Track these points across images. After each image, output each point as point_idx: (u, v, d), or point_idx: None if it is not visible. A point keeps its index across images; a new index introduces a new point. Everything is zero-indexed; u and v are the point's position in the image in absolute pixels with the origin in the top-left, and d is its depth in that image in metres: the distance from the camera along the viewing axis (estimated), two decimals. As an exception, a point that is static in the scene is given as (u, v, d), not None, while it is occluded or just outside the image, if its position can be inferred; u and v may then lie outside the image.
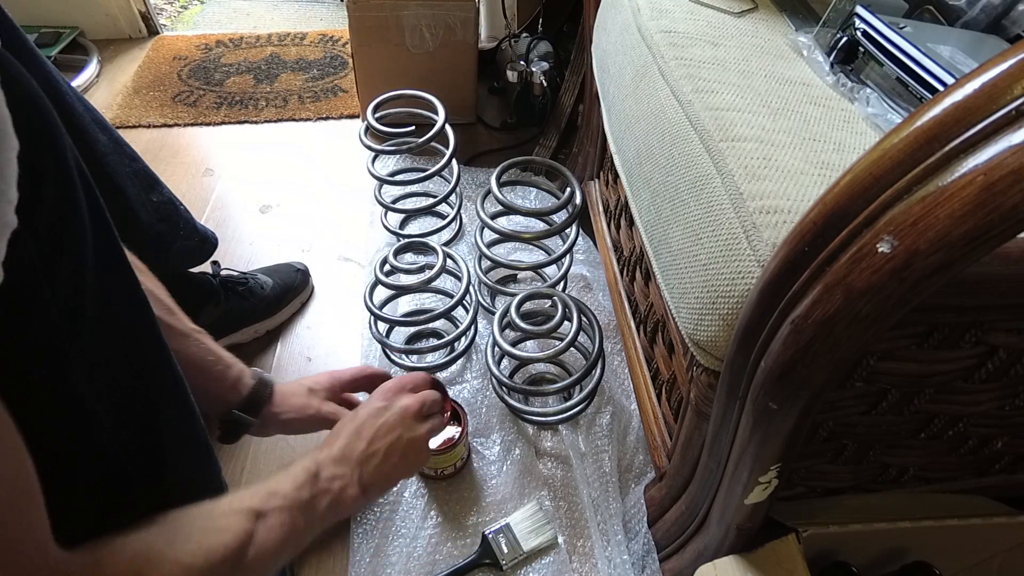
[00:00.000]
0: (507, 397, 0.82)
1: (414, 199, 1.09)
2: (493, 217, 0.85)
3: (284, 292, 0.94)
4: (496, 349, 0.79)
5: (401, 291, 0.87)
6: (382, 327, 0.88)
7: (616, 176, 0.84)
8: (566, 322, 0.75)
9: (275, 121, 1.38)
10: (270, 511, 0.46)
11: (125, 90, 1.44)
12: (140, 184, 0.74)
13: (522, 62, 1.30)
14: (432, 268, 0.80)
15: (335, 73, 1.54)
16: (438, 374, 0.88)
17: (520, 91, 1.32)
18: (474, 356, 0.90)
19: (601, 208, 1.03)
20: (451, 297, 0.85)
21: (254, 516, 0.44)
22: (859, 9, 0.61)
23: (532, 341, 0.88)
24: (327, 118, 1.40)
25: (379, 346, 0.88)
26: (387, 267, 0.83)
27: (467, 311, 0.88)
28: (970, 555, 0.62)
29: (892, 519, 0.58)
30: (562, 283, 0.92)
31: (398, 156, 1.17)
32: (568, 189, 0.81)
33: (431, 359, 0.89)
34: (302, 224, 1.13)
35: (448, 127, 0.93)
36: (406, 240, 0.89)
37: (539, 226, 0.83)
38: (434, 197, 1.01)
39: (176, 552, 0.40)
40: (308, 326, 0.96)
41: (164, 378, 0.51)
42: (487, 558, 0.69)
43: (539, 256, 0.99)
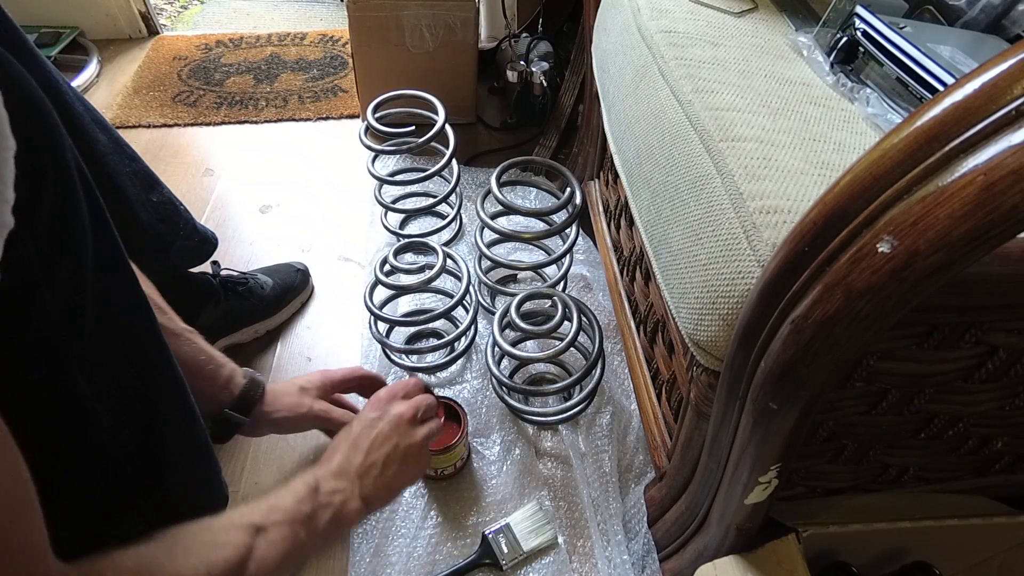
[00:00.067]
0: (507, 397, 0.82)
1: (414, 199, 1.09)
2: (493, 217, 0.85)
3: (284, 292, 0.94)
4: (496, 349, 0.79)
5: (401, 291, 0.87)
6: (382, 327, 0.88)
7: (616, 176, 0.84)
8: (566, 322, 0.75)
9: (275, 121, 1.38)
10: (271, 525, 0.45)
11: (125, 90, 1.44)
12: (140, 184, 0.74)
13: (522, 62, 1.30)
14: (432, 268, 0.80)
15: (335, 73, 1.54)
16: (438, 374, 0.88)
17: (520, 91, 1.32)
18: (474, 356, 0.90)
19: (601, 208, 1.03)
20: (451, 297, 0.85)
21: (254, 531, 0.44)
22: (859, 9, 0.61)
23: (532, 341, 0.88)
24: (327, 118, 1.40)
25: (379, 346, 0.88)
26: (387, 267, 0.83)
27: (467, 311, 0.88)
28: (970, 555, 0.62)
29: (892, 519, 0.58)
30: (562, 283, 0.92)
31: (398, 156, 1.17)
32: (568, 189, 0.81)
33: (431, 359, 0.89)
34: (302, 224, 1.13)
35: (448, 127, 0.93)
36: (406, 240, 0.89)
37: (539, 226, 0.83)
38: (434, 197, 1.01)
39: (177, 566, 0.40)
40: (308, 326, 0.96)
41: (164, 378, 0.51)
42: (487, 558, 0.69)
43: (539, 256, 0.99)
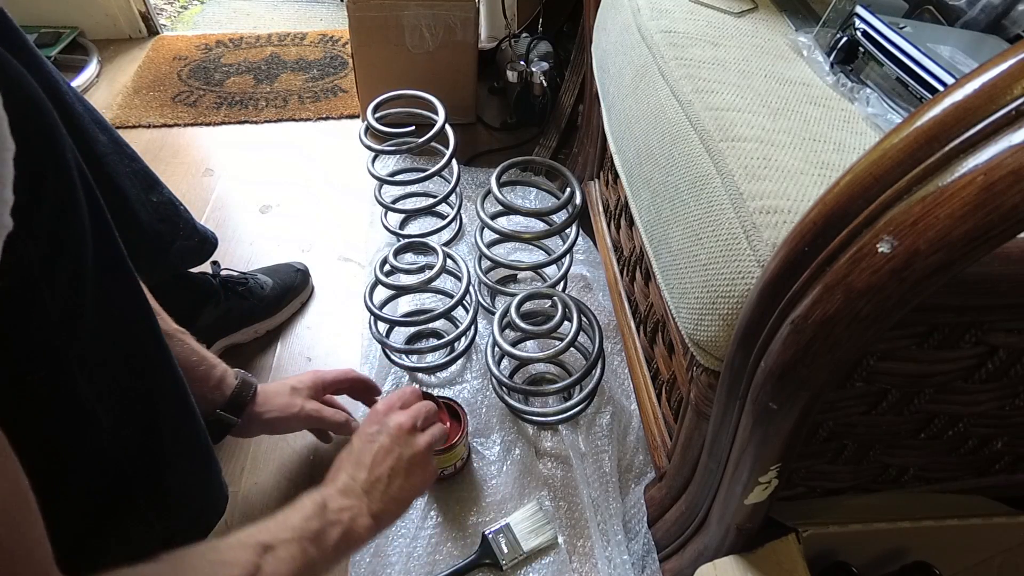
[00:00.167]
0: (507, 397, 0.82)
1: (414, 199, 1.09)
2: (493, 217, 0.85)
3: (284, 292, 0.94)
4: (496, 349, 0.79)
5: (401, 291, 0.87)
6: (382, 327, 0.88)
7: (616, 176, 0.84)
8: (566, 322, 0.75)
9: (275, 121, 1.38)
10: (279, 544, 0.45)
11: (125, 90, 1.44)
12: (140, 184, 0.74)
13: (522, 62, 1.29)
14: (432, 268, 0.80)
15: (335, 73, 1.54)
16: (438, 374, 0.88)
17: (520, 91, 1.32)
18: (474, 356, 0.90)
19: (601, 208, 1.03)
20: (451, 297, 0.85)
21: (261, 549, 0.44)
22: (859, 9, 0.61)
23: (532, 341, 0.88)
24: (327, 118, 1.40)
25: (379, 346, 0.88)
26: (387, 267, 0.83)
27: (467, 311, 0.88)
28: (970, 555, 0.62)
29: (892, 519, 0.58)
30: (562, 283, 0.92)
31: (398, 156, 1.17)
32: (568, 189, 0.81)
33: (431, 359, 0.89)
34: (302, 224, 1.13)
35: (448, 127, 0.93)
36: (406, 240, 0.89)
37: (539, 226, 0.83)
38: (434, 197, 1.01)
39: None
40: (308, 326, 0.96)
41: (164, 378, 0.51)
42: (487, 558, 0.69)
43: (539, 256, 0.99)
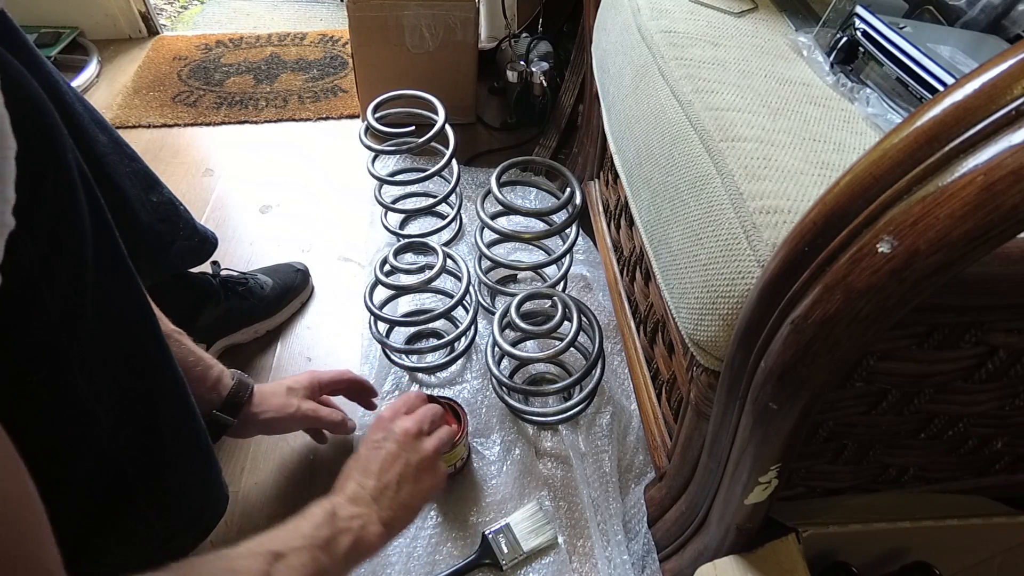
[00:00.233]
0: (507, 397, 0.82)
1: (414, 199, 1.09)
2: (493, 217, 0.85)
3: (284, 292, 0.94)
4: (496, 349, 0.79)
5: (401, 291, 0.87)
6: (382, 327, 0.88)
7: (616, 176, 0.84)
8: (566, 322, 0.75)
9: (275, 121, 1.38)
10: (289, 552, 0.45)
11: (125, 90, 1.44)
12: (140, 184, 0.74)
13: (522, 62, 1.29)
14: (432, 268, 0.80)
15: (335, 73, 1.54)
16: (438, 374, 0.88)
17: (520, 91, 1.32)
18: (474, 356, 0.90)
19: (601, 208, 1.03)
20: (451, 297, 0.85)
21: (272, 558, 0.44)
22: (859, 9, 0.61)
23: (532, 341, 0.88)
24: (327, 118, 1.40)
25: (379, 346, 0.88)
26: (387, 267, 0.83)
27: (467, 311, 0.88)
28: (970, 555, 0.62)
29: (892, 519, 0.58)
30: (562, 283, 0.92)
31: (398, 156, 1.17)
32: (568, 189, 0.81)
33: (431, 359, 0.89)
34: (302, 224, 1.13)
35: (448, 127, 0.93)
36: (406, 240, 0.89)
37: (539, 226, 0.83)
38: (434, 197, 1.01)
39: None
40: (308, 326, 0.96)
41: (164, 378, 0.51)
42: (487, 558, 0.69)
43: (539, 256, 0.99)
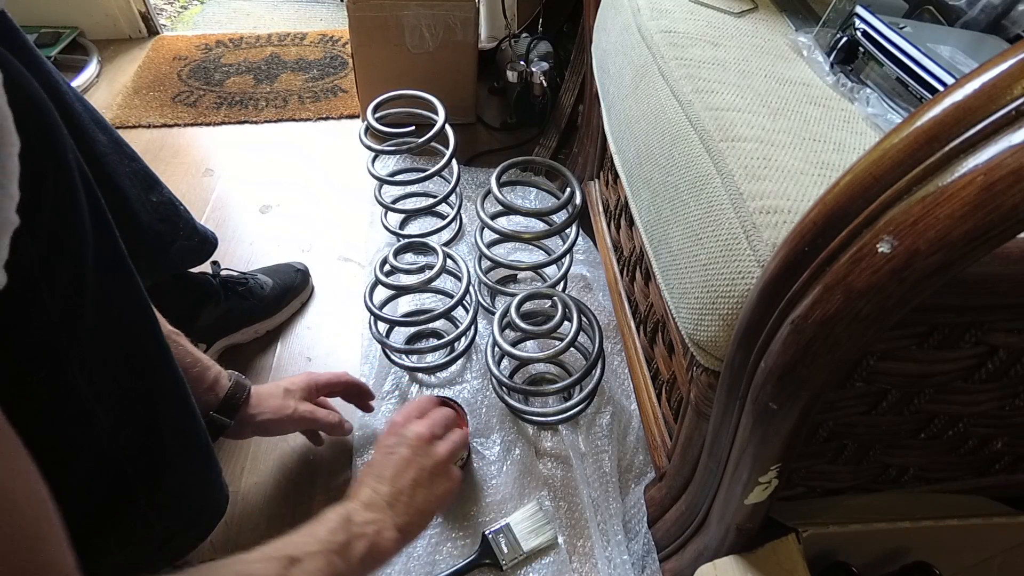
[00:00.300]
0: (507, 397, 0.82)
1: (414, 199, 1.09)
2: (493, 217, 0.85)
3: (284, 292, 0.94)
4: (496, 349, 0.79)
5: (401, 291, 0.87)
6: (382, 327, 0.88)
7: (616, 176, 0.84)
8: (566, 322, 0.75)
9: (275, 121, 1.38)
10: (305, 557, 0.45)
11: (125, 90, 1.44)
12: (140, 184, 0.74)
13: (522, 62, 1.29)
14: (432, 268, 0.80)
15: (335, 73, 1.54)
16: (438, 374, 0.88)
17: (520, 91, 1.32)
18: (474, 356, 0.90)
19: (601, 208, 1.03)
20: (451, 297, 0.85)
21: (288, 562, 0.44)
22: (859, 9, 0.61)
23: (532, 341, 0.88)
24: (327, 118, 1.40)
25: (379, 346, 0.88)
26: (387, 267, 0.83)
27: (467, 311, 0.88)
28: (970, 555, 0.62)
29: (892, 519, 0.58)
30: (562, 283, 0.92)
31: (398, 156, 1.17)
32: (568, 189, 0.81)
33: (431, 359, 0.89)
34: (302, 224, 1.13)
35: (448, 127, 0.93)
36: (406, 240, 0.89)
37: (539, 226, 0.83)
38: (434, 197, 1.01)
39: None
40: (308, 326, 0.96)
41: (164, 378, 0.51)
42: (487, 558, 0.69)
43: (539, 256, 0.99)
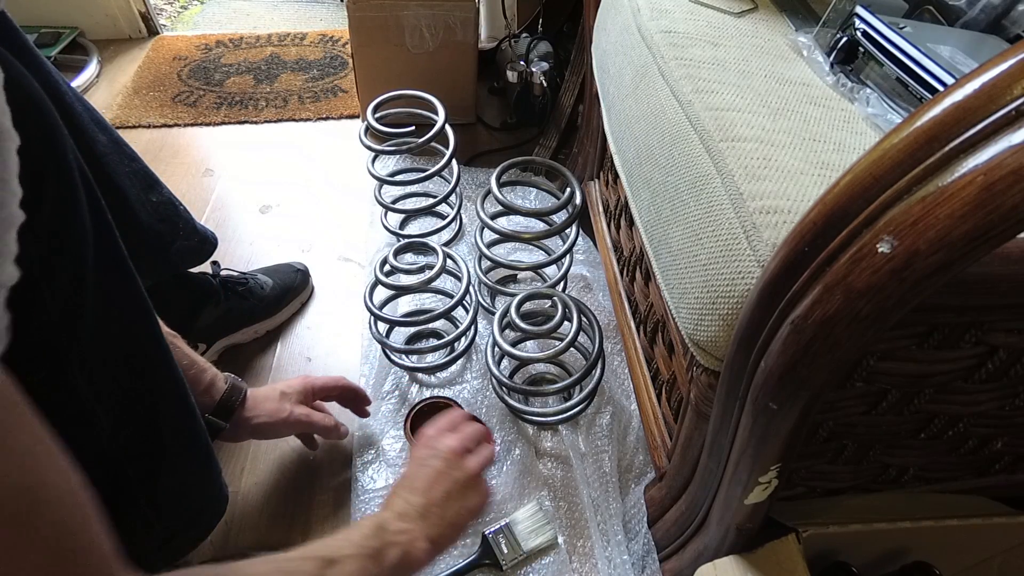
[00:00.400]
0: (507, 397, 0.82)
1: (414, 199, 1.09)
2: (493, 217, 0.85)
3: (284, 292, 0.94)
4: (496, 349, 0.79)
5: (401, 291, 0.87)
6: (382, 327, 0.88)
7: (616, 176, 0.84)
8: (566, 322, 0.75)
9: (275, 121, 1.38)
10: (341, 559, 0.45)
11: (125, 90, 1.44)
12: (140, 184, 0.74)
13: (522, 62, 1.29)
14: (432, 268, 0.80)
15: (335, 73, 1.54)
16: (438, 374, 0.88)
17: (520, 91, 1.32)
18: (474, 356, 0.90)
19: (601, 208, 1.03)
20: (451, 297, 0.85)
21: (324, 563, 0.44)
22: (859, 9, 0.61)
23: (532, 341, 0.88)
24: (327, 118, 1.40)
25: (379, 346, 0.88)
26: (387, 267, 0.83)
27: (467, 311, 0.88)
28: (970, 555, 0.62)
29: (892, 519, 0.58)
30: (562, 283, 0.92)
31: (398, 156, 1.17)
32: (568, 189, 0.81)
33: (431, 359, 0.89)
34: (302, 224, 1.13)
35: (448, 127, 0.93)
36: (406, 240, 0.89)
37: (539, 226, 0.83)
38: (434, 197, 1.01)
39: None
40: (308, 326, 0.96)
41: (164, 378, 0.51)
42: (487, 558, 0.69)
43: (539, 256, 0.99)
